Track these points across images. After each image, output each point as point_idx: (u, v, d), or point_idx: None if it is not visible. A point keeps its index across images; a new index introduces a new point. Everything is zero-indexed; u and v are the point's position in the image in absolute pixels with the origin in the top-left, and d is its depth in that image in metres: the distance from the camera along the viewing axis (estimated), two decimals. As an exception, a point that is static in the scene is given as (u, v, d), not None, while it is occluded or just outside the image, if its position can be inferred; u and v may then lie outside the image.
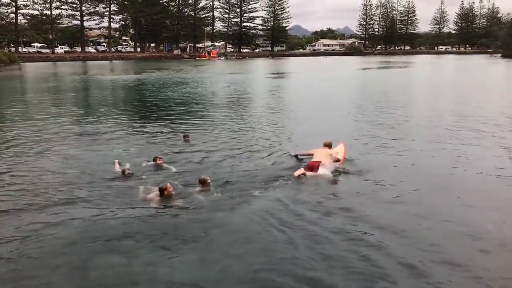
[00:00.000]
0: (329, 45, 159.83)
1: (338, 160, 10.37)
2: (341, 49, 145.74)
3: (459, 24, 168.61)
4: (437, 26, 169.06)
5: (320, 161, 10.22)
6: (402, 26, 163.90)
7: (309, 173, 9.90)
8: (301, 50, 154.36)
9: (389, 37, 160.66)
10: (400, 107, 22.50)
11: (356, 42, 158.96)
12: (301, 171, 9.88)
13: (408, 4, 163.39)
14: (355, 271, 5.97)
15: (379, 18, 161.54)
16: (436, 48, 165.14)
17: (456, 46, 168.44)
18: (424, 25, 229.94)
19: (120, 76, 47.41)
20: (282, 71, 57.46)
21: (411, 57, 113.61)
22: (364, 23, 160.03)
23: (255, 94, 29.47)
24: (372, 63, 79.72)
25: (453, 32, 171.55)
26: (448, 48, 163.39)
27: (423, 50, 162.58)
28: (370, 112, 20.32)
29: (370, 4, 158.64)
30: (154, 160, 10.78)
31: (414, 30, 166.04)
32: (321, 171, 10.03)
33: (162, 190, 8.42)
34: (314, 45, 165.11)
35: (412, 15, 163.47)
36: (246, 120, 18.41)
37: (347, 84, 38.30)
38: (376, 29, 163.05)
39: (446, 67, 71.90)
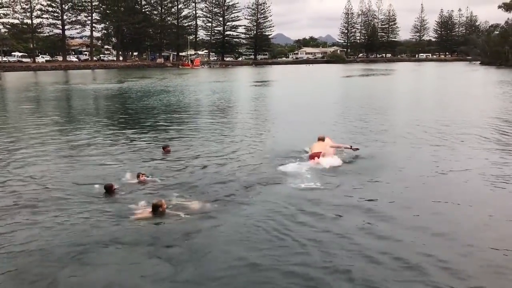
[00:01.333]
0: (311, 53, 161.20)
1: (337, 147, 12.42)
2: (324, 57, 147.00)
3: (439, 32, 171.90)
4: (418, 34, 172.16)
5: (321, 152, 11.68)
6: (383, 34, 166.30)
7: (318, 160, 11.39)
8: (284, 58, 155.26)
9: (370, 45, 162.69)
10: (382, 112, 22.79)
11: (338, 50, 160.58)
12: (314, 160, 11.47)
13: (389, 13, 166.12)
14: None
15: (360, 26, 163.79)
16: (417, 55, 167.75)
17: (436, 53, 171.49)
18: (404, 33, 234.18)
19: (102, 85, 47.06)
20: (265, 79, 57.71)
21: (393, 65, 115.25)
22: (346, 31, 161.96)
23: (238, 102, 29.54)
24: (354, 71, 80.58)
25: (433, 39, 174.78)
26: (429, 55, 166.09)
27: (404, 57, 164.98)
28: (353, 118, 20.52)
29: (352, 13, 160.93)
30: (138, 176, 10.26)
31: (395, 38, 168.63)
32: (324, 160, 11.44)
33: (156, 207, 8.04)
34: (297, 53, 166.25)
35: (392, 23, 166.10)
36: (229, 127, 18.44)
37: (330, 91, 38.63)
38: (358, 37, 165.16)
39: (427, 74, 73.00)
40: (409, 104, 28.77)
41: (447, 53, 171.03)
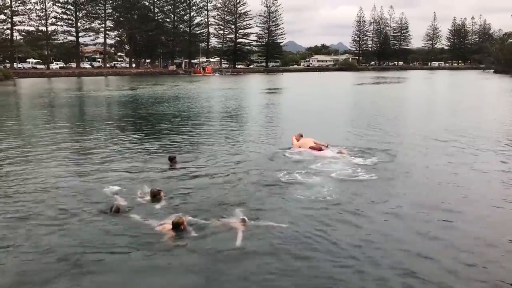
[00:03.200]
0: (323, 61, 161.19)
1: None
2: (335, 65, 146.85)
3: (452, 40, 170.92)
4: (430, 42, 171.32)
5: (316, 143, 13.95)
6: (395, 42, 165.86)
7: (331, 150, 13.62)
8: (295, 66, 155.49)
9: (382, 53, 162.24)
10: (395, 120, 22.63)
11: (350, 58, 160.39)
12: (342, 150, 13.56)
13: (401, 21, 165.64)
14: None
15: (372, 34, 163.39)
16: (429, 63, 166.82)
17: (449, 61, 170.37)
18: (417, 41, 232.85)
19: (115, 92, 47.39)
20: (277, 87, 57.71)
21: (405, 73, 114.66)
22: (358, 39, 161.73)
23: (250, 109, 29.52)
24: (366, 79, 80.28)
25: (446, 48, 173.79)
26: (441, 63, 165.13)
27: (417, 65, 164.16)
28: (365, 125, 20.35)
29: (364, 21, 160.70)
30: (151, 192, 9.49)
31: (407, 46, 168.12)
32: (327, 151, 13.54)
33: (177, 224, 7.51)
34: (309, 61, 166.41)
35: (405, 31, 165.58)
36: (241, 134, 18.37)
37: (343, 99, 38.50)
38: (370, 45, 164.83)
39: (440, 82, 72.52)
40: (422, 112, 28.49)
41: (460, 61, 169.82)
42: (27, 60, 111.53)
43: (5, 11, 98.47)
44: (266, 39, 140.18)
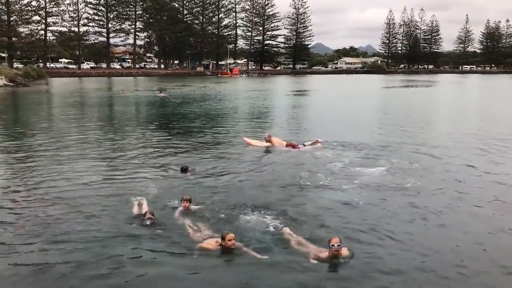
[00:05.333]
0: (351, 63, 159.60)
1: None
2: (364, 67, 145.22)
3: (485, 43, 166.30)
4: (462, 45, 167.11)
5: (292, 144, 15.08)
6: (425, 45, 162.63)
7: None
8: (323, 68, 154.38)
9: (412, 56, 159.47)
10: (425, 123, 22.13)
11: (379, 61, 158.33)
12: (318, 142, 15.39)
13: (432, 23, 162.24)
14: None
15: (402, 36, 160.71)
16: (460, 67, 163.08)
17: (481, 65, 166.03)
18: (448, 44, 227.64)
19: (144, 93, 47.97)
20: (304, 89, 57.37)
21: (435, 76, 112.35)
22: (387, 41, 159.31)
23: (276, 111, 29.39)
24: (395, 82, 79.04)
25: (478, 51, 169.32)
26: (473, 67, 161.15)
27: (447, 69, 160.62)
28: (393, 128, 19.96)
29: (393, 23, 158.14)
30: (181, 201, 8.70)
31: (437, 49, 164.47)
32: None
33: (225, 239, 6.84)
34: (336, 63, 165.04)
35: (436, 34, 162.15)
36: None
37: (371, 101, 37.92)
38: (399, 48, 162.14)
39: (472, 86, 70.79)
40: (454, 116, 27.77)
41: (492, 65, 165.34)
42: (59, 60, 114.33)
43: (40, 12, 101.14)
44: (294, 41, 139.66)
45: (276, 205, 9.13)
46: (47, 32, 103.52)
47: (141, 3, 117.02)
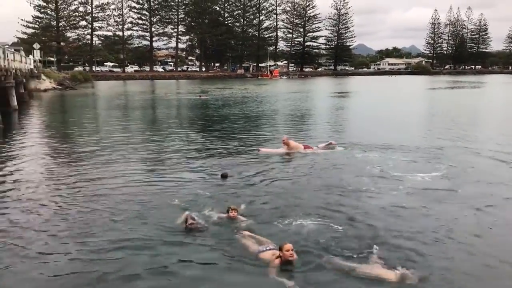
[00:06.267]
0: (394, 64, 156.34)
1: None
2: (407, 68, 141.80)
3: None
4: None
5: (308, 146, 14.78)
6: (473, 44, 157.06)
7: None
8: (365, 69, 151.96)
9: (458, 56, 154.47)
10: (474, 127, 21.13)
11: (423, 61, 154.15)
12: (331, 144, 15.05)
13: (480, 22, 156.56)
14: None
15: (448, 36, 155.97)
16: (510, 67, 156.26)
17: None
18: (497, 44, 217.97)
19: (188, 96, 48.48)
20: (346, 90, 56.41)
21: (483, 77, 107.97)
22: (432, 41, 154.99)
23: (317, 113, 28.92)
24: (440, 83, 76.59)
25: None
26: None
27: (496, 69, 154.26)
28: (442, 132, 19.12)
29: (439, 23, 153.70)
30: (229, 210, 8.25)
31: (486, 48, 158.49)
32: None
33: (287, 250, 6.29)
34: (379, 64, 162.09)
35: (484, 33, 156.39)
36: (311, 138, 17.85)
37: (416, 103, 36.79)
38: (445, 48, 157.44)
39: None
40: (506, 119, 26.42)
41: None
42: (105, 63, 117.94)
43: (87, 17, 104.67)
44: (335, 42, 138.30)
45: (324, 210, 8.75)
46: (93, 36, 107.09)
47: (183, 7, 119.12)
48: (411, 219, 8.37)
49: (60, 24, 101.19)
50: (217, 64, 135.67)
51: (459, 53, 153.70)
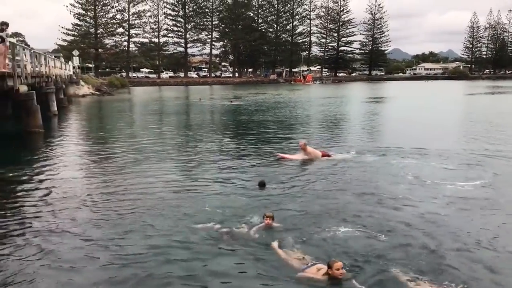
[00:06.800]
0: (431, 69, 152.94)
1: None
2: (445, 73, 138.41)
3: None
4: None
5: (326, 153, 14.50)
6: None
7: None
8: (400, 74, 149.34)
9: (498, 61, 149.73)
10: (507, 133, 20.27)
11: (461, 66, 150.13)
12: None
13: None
14: None
15: (487, 40, 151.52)
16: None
17: None
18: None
19: (219, 101, 48.74)
20: (381, 96, 55.46)
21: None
22: (471, 46, 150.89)
23: (351, 118, 28.49)
24: (480, 88, 74.31)
25: None
26: None
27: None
28: (482, 139, 18.41)
29: (478, 26, 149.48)
30: (264, 217, 8.02)
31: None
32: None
33: (337, 269, 5.95)
34: (415, 69, 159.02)
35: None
36: (341, 145, 17.53)
37: (454, 109, 35.72)
38: (484, 52, 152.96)
39: None
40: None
41: None
42: (141, 69, 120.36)
43: (124, 24, 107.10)
44: (370, 47, 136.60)
45: (361, 218, 8.48)
46: (130, 43, 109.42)
47: (217, 14, 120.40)
48: (454, 230, 7.98)
49: (98, 31, 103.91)
50: (250, 70, 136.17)
51: (499, 57, 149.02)
